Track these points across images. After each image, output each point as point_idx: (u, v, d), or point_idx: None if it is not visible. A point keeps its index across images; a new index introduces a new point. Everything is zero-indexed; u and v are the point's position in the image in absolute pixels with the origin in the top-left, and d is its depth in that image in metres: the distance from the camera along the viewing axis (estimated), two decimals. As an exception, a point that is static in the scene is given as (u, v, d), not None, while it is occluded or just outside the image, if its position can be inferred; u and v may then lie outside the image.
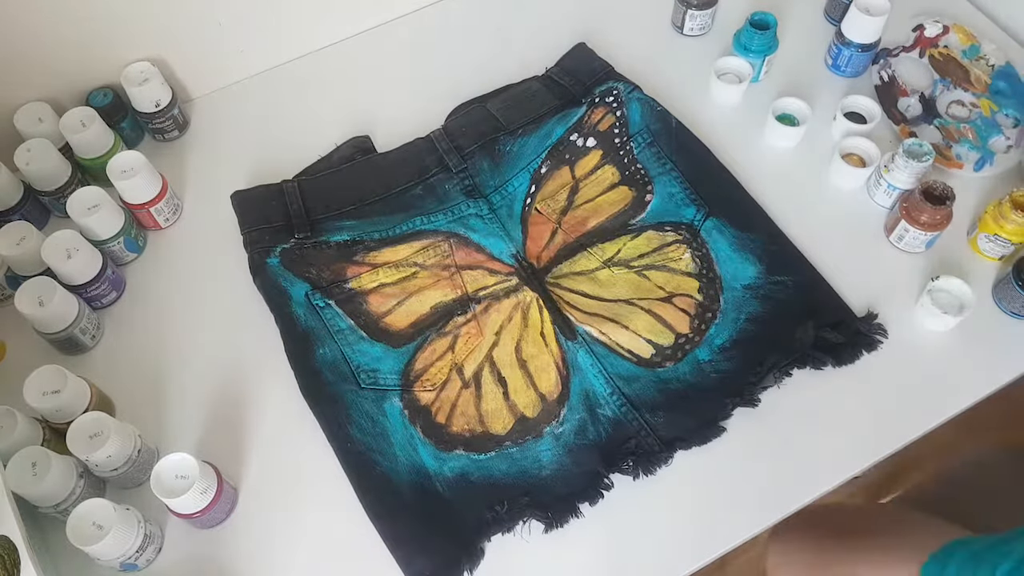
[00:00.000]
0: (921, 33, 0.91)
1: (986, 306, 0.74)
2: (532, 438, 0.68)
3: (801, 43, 0.91)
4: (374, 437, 0.67)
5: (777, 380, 0.70)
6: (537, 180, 0.81)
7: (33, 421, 0.65)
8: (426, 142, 0.83)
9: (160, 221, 0.81)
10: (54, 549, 0.64)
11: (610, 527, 0.65)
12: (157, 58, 0.85)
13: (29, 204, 0.79)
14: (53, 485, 0.61)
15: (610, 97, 0.84)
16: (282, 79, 0.93)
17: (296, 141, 0.86)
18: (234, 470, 0.68)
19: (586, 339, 0.72)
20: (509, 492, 0.65)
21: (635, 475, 0.66)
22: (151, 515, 0.64)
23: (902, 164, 0.75)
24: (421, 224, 0.78)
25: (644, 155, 0.82)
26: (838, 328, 0.71)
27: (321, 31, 0.94)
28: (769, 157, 0.84)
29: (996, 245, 0.74)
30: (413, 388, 0.70)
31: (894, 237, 0.76)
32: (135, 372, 0.73)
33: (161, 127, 0.86)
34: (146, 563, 0.63)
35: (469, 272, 0.76)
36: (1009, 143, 0.83)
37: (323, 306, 0.74)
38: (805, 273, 0.75)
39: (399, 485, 0.65)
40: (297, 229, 0.77)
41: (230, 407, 0.71)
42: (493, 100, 0.86)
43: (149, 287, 0.79)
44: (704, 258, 0.76)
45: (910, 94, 0.87)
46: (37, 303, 0.68)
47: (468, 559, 0.63)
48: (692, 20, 0.91)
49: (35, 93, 0.81)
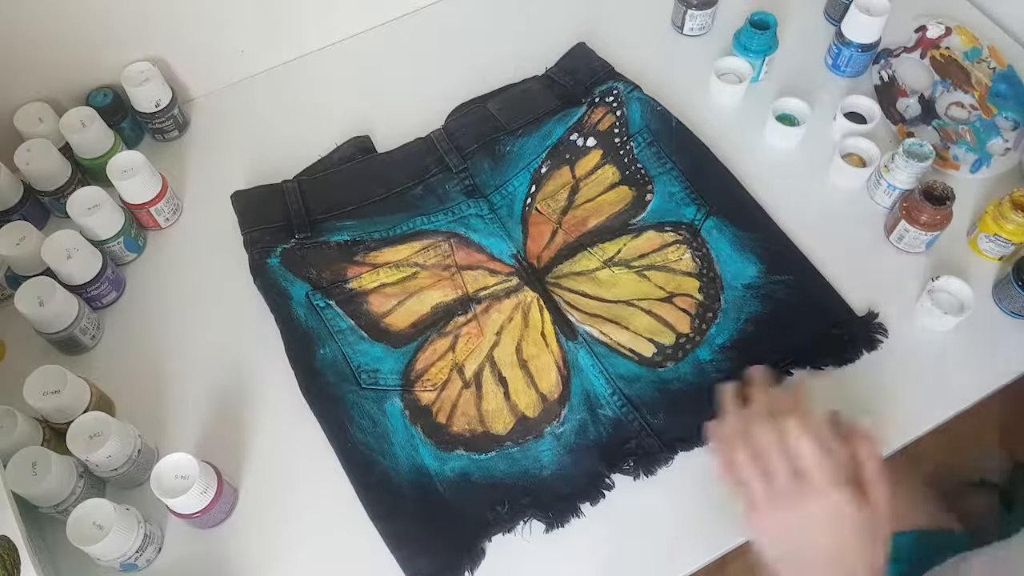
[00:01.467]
0: (923, 34, 0.91)
1: (986, 306, 0.74)
2: (533, 438, 0.68)
3: (801, 43, 0.91)
4: (375, 437, 0.67)
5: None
6: (537, 180, 0.81)
7: (33, 421, 0.65)
8: (426, 142, 0.83)
9: (160, 221, 0.81)
10: (54, 549, 0.64)
11: (611, 527, 0.65)
12: (157, 58, 0.85)
13: (29, 204, 0.79)
14: (53, 485, 0.60)
15: (610, 97, 0.84)
16: (282, 79, 0.93)
17: (296, 141, 0.86)
18: (234, 470, 0.68)
19: (587, 339, 0.72)
20: (510, 492, 0.65)
21: (635, 475, 0.66)
22: (151, 515, 0.64)
23: (902, 164, 0.75)
24: (421, 224, 0.78)
25: (644, 155, 0.82)
26: (839, 327, 0.71)
27: (321, 31, 0.94)
28: (769, 157, 0.84)
29: (996, 245, 0.74)
30: (414, 388, 0.70)
31: (894, 237, 0.76)
32: (135, 372, 0.73)
33: (161, 127, 0.86)
34: (146, 563, 0.63)
35: (470, 272, 0.76)
36: (1007, 146, 0.83)
37: (324, 306, 0.74)
38: (805, 273, 0.75)
39: (400, 485, 0.65)
40: (297, 229, 0.77)
41: (230, 407, 0.71)
42: (493, 100, 0.86)
43: (149, 287, 0.79)
44: (704, 258, 0.76)
45: (909, 95, 0.87)
46: (37, 303, 0.68)
47: (469, 559, 0.62)
48: (692, 20, 0.91)
49: (35, 93, 0.81)
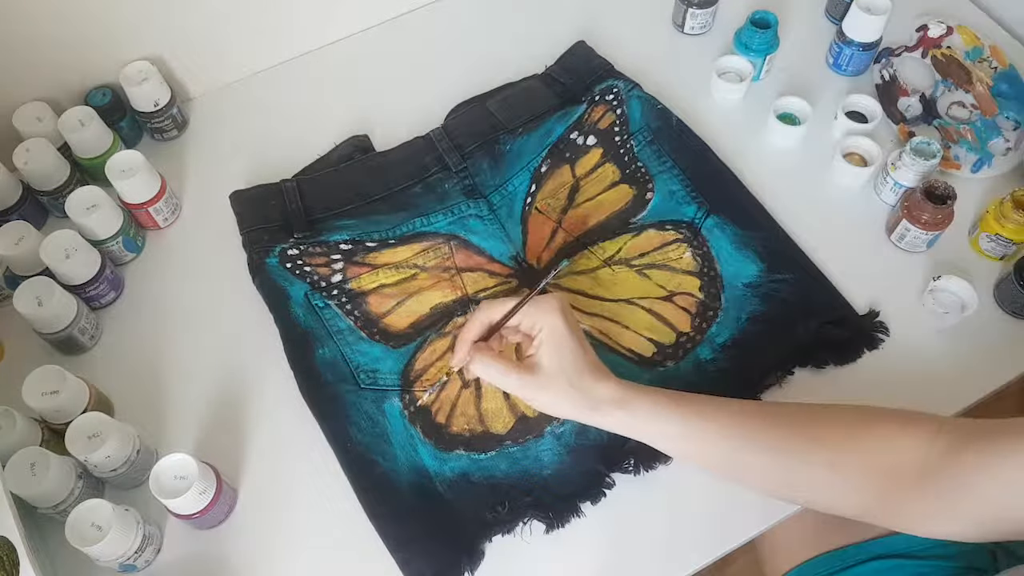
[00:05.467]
0: (925, 33, 0.90)
1: (987, 305, 0.73)
2: (533, 437, 0.68)
3: (802, 42, 0.91)
4: (374, 437, 0.67)
5: (779, 379, 0.70)
6: (537, 179, 0.81)
7: (32, 421, 0.65)
8: (425, 141, 0.83)
9: (159, 221, 0.80)
10: (53, 550, 0.64)
11: (611, 527, 0.65)
12: (156, 57, 0.85)
13: (28, 204, 0.78)
14: (52, 486, 0.60)
15: (610, 95, 0.84)
16: (281, 78, 0.93)
17: (295, 140, 0.85)
18: (233, 470, 0.68)
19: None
20: (510, 492, 0.65)
21: (636, 473, 0.66)
22: (150, 516, 0.64)
23: (909, 162, 0.75)
24: (421, 226, 0.78)
25: (644, 153, 0.82)
26: (840, 326, 0.71)
27: (321, 30, 0.93)
28: (770, 156, 0.83)
29: (997, 245, 0.74)
30: (413, 388, 0.70)
31: (895, 236, 0.76)
32: (134, 372, 0.73)
33: (160, 126, 0.85)
34: (145, 564, 0.63)
35: (469, 274, 0.76)
36: (1008, 145, 0.82)
37: (323, 306, 0.73)
38: (806, 271, 0.74)
39: (399, 485, 0.65)
40: (296, 228, 0.77)
41: (229, 407, 0.71)
42: (493, 99, 0.85)
43: (148, 287, 0.78)
44: (705, 256, 0.76)
45: (911, 94, 0.87)
46: (36, 303, 0.68)
47: (468, 560, 0.62)
48: (693, 19, 0.91)
49: (34, 92, 0.81)
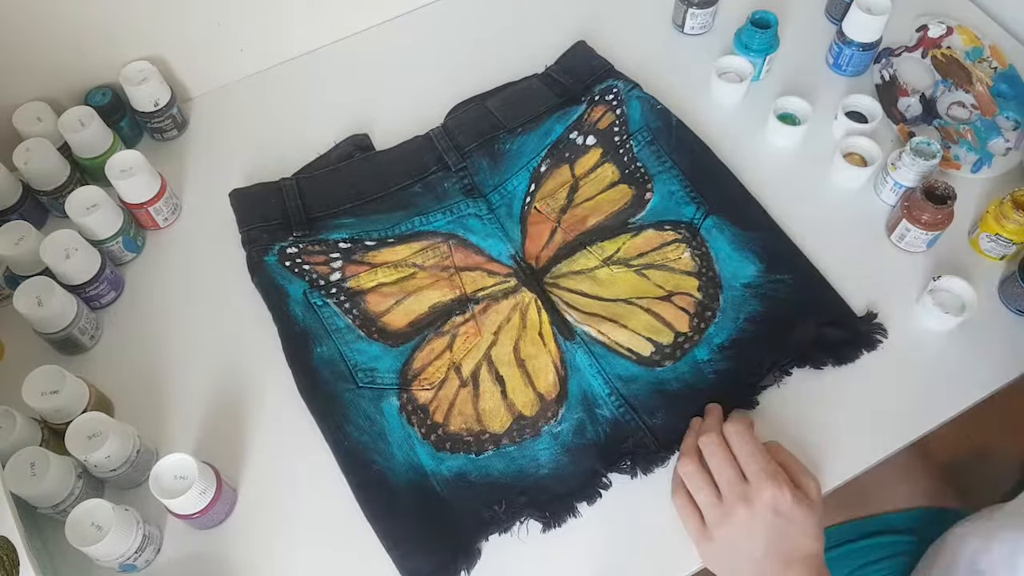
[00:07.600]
0: (925, 33, 0.90)
1: (989, 305, 0.73)
2: (530, 437, 0.68)
3: (802, 42, 0.91)
4: (371, 436, 0.67)
5: (777, 379, 0.70)
6: (536, 178, 0.81)
7: (32, 421, 0.65)
8: (425, 140, 0.83)
9: (159, 221, 0.81)
10: (53, 550, 0.64)
11: (608, 527, 0.65)
12: (156, 57, 0.85)
13: (28, 204, 0.79)
14: (52, 485, 0.60)
15: (610, 95, 0.84)
16: (281, 78, 0.93)
17: (295, 139, 0.86)
18: (233, 470, 0.68)
19: (584, 339, 0.72)
20: (507, 492, 0.65)
21: (633, 474, 0.66)
22: (150, 516, 0.64)
23: (910, 162, 0.75)
24: (420, 225, 0.78)
25: (644, 153, 0.82)
26: (838, 327, 0.71)
27: (320, 30, 0.93)
28: (770, 156, 0.83)
29: (997, 245, 0.74)
30: (411, 387, 0.70)
31: (895, 236, 0.76)
32: (134, 372, 0.73)
33: (160, 126, 0.86)
34: (145, 564, 0.63)
35: (468, 273, 0.76)
36: (1008, 145, 0.82)
37: (321, 304, 0.74)
38: (805, 272, 0.74)
39: (396, 484, 0.65)
40: (295, 227, 0.77)
41: (229, 407, 0.71)
42: (492, 98, 0.85)
43: (148, 287, 0.78)
44: (704, 257, 0.76)
45: (911, 94, 0.86)
46: (36, 303, 0.68)
47: (465, 559, 0.62)
48: (693, 19, 0.91)
49: (33, 92, 0.81)
